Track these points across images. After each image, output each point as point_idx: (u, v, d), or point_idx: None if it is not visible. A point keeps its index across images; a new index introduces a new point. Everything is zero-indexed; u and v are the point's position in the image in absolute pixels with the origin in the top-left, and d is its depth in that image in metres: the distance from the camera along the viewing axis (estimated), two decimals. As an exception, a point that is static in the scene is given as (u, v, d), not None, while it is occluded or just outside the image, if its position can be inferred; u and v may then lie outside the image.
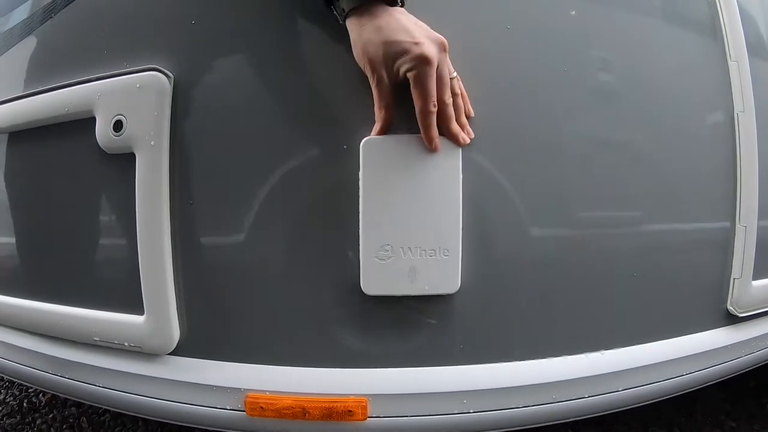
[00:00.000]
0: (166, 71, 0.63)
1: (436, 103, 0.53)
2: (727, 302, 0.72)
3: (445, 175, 0.58)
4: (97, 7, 0.70)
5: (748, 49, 0.73)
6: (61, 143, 0.70)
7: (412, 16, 0.54)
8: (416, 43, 0.51)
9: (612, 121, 0.66)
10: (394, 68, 0.53)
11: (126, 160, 0.64)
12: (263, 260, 0.63)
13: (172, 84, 0.63)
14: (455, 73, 0.56)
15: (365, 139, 0.58)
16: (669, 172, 0.70)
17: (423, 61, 0.51)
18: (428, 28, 0.54)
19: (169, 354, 0.64)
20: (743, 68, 0.73)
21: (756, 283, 0.73)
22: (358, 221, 0.58)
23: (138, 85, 0.63)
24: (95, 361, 0.68)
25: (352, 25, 0.54)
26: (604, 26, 0.68)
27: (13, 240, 0.75)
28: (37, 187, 0.73)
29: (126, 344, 0.65)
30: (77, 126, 0.67)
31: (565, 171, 0.64)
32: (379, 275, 0.58)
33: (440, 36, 0.54)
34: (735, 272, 0.71)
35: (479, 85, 0.61)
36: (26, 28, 0.76)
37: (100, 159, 0.66)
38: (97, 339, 0.67)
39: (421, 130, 0.55)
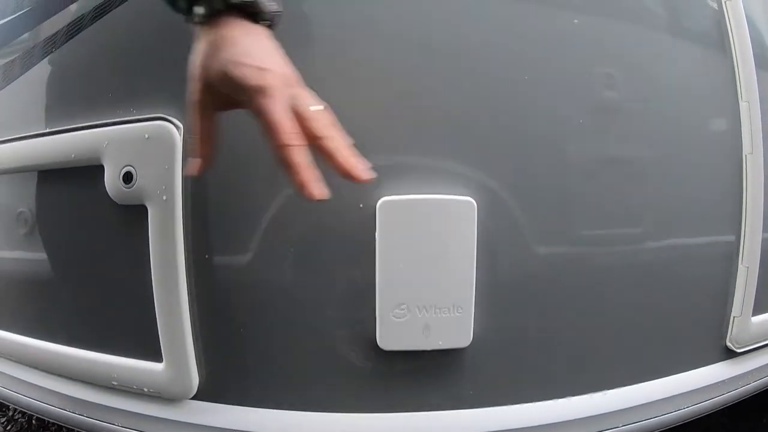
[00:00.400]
0: (175, 121, 0.62)
1: (295, 138, 0.44)
2: (726, 339, 0.74)
3: (460, 237, 0.59)
4: (102, 44, 0.68)
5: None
6: (73, 188, 0.69)
7: (272, 41, 0.48)
8: (261, 70, 0.45)
9: (614, 177, 0.67)
10: (232, 92, 0.46)
11: (139, 211, 0.63)
12: (280, 311, 0.64)
13: (182, 135, 0.62)
14: (322, 106, 0.48)
15: (382, 200, 0.58)
16: (672, 211, 0.71)
17: (262, 92, 0.44)
18: (283, 58, 0.48)
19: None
20: (754, 109, 0.73)
21: (755, 319, 0.75)
22: (375, 279, 0.59)
23: (146, 136, 0.62)
24: (113, 402, 0.70)
25: (202, 31, 0.47)
26: (614, 46, 0.68)
27: (34, 282, 0.75)
28: (58, 231, 0.72)
29: (145, 390, 0.66)
30: (89, 171, 0.66)
31: (569, 223, 0.65)
32: (395, 332, 0.60)
33: (292, 71, 0.48)
34: (735, 311, 0.73)
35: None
36: (26, 62, 0.73)
37: (114, 206, 0.65)
38: (116, 383, 0.68)
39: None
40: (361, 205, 0.60)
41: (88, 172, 0.66)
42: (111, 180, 0.64)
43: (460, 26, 0.63)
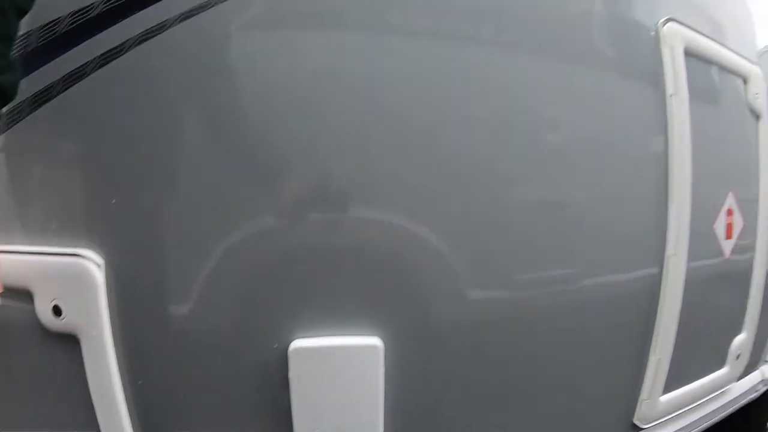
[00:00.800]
0: (95, 257, 0.63)
1: None
2: (633, 416, 0.81)
3: (366, 378, 0.62)
4: (20, 169, 0.67)
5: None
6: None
7: None
8: None
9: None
10: None
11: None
12: None
13: (104, 271, 0.63)
14: None
15: (293, 344, 0.61)
16: (587, 305, 0.74)
17: None
18: None
19: None
20: (683, 213, 0.73)
21: (664, 397, 0.81)
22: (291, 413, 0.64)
23: (69, 272, 0.64)
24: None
25: None
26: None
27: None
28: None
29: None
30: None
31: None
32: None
33: None
34: (644, 395, 0.79)
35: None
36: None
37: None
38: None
39: None
40: (275, 345, 0.63)
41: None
42: (41, 311, 0.66)
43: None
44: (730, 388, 1.04)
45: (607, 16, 0.76)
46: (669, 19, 0.78)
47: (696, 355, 0.92)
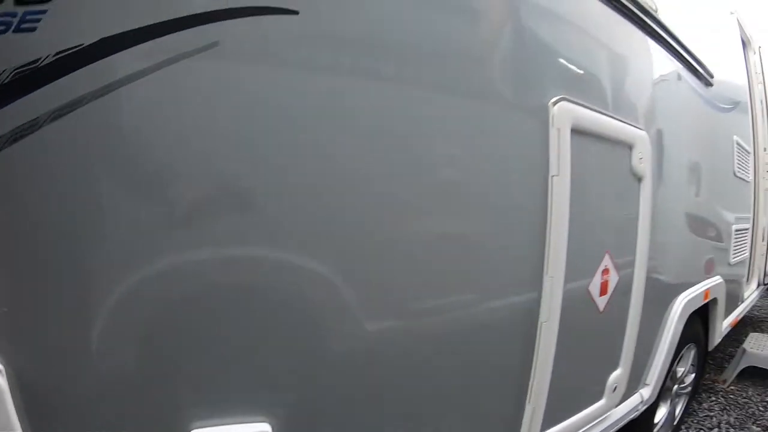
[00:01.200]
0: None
1: None
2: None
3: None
4: None
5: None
6: None
7: None
8: None
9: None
10: None
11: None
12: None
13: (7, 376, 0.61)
14: None
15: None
16: (471, 362, 0.81)
17: None
18: None
19: None
20: (556, 285, 0.80)
21: (543, 435, 0.91)
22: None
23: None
24: None
25: None
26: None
27: None
28: None
29: None
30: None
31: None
32: None
33: None
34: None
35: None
36: None
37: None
38: None
39: None
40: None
41: None
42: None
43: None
44: (611, 413, 1.17)
45: (503, 95, 0.81)
46: (561, 99, 0.84)
47: (573, 393, 1.02)
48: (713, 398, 2.39)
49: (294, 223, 0.63)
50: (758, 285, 3.13)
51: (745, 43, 3.02)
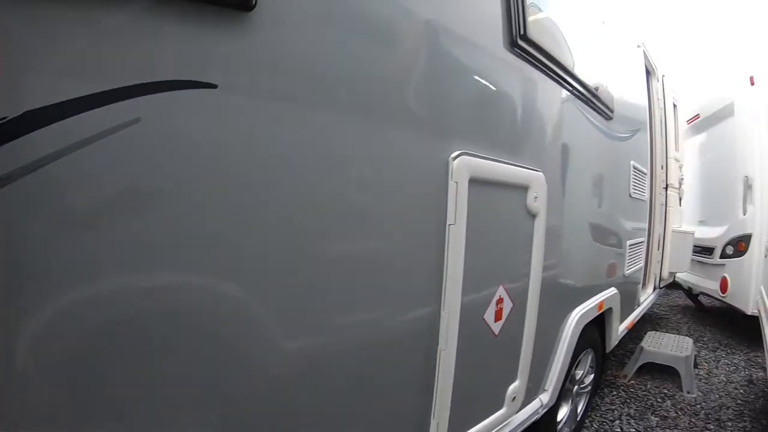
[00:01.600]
0: None
1: None
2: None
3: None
4: None
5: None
6: None
7: None
8: None
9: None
10: None
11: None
12: None
13: None
14: None
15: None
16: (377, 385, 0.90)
17: None
18: None
19: None
20: (452, 318, 0.92)
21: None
22: None
23: None
24: None
25: None
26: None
27: None
28: None
29: None
30: None
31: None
32: None
33: None
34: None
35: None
36: None
37: None
38: None
39: None
40: None
41: None
42: None
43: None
44: (512, 419, 1.32)
45: (407, 152, 0.88)
46: (461, 154, 0.95)
47: (475, 406, 1.15)
48: (615, 392, 2.69)
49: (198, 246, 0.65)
50: (654, 288, 3.53)
51: (649, 72, 3.38)
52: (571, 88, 1.51)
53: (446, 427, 1.00)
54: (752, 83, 3.71)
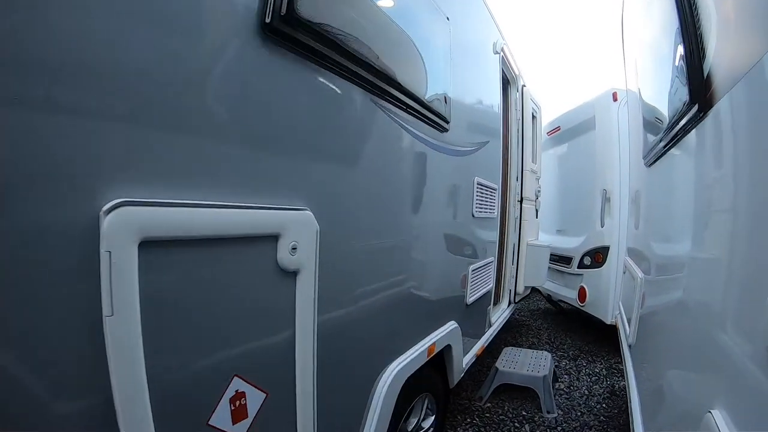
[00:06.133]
0: None
1: None
2: None
3: None
4: None
5: None
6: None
7: None
8: None
9: None
10: None
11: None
12: None
13: None
14: None
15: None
16: None
17: None
18: None
19: None
20: None
21: None
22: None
23: None
24: None
25: None
26: None
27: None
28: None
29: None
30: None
31: None
32: None
33: None
34: None
35: None
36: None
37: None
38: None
39: None
40: None
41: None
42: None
43: None
44: None
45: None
46: (120, 204, 0.59)
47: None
48: (469, 419, 2.49)
49: None
50: (510, 303, 3.49)
51: (508, 81, 3.31)
52: (377, 92, 1.19)
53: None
54: (615, 99, 3.87)
